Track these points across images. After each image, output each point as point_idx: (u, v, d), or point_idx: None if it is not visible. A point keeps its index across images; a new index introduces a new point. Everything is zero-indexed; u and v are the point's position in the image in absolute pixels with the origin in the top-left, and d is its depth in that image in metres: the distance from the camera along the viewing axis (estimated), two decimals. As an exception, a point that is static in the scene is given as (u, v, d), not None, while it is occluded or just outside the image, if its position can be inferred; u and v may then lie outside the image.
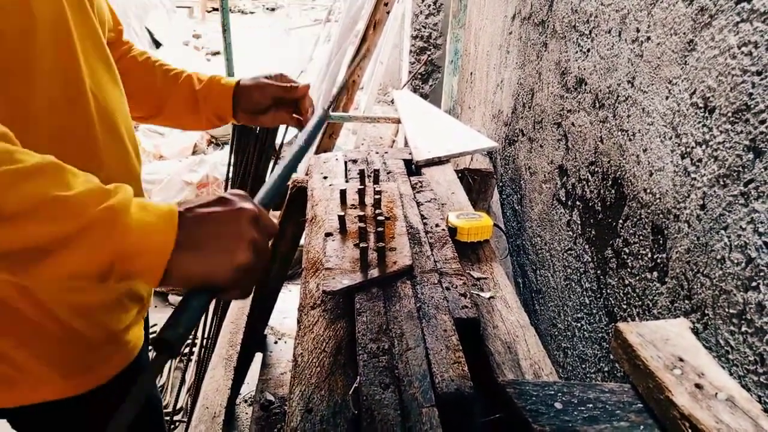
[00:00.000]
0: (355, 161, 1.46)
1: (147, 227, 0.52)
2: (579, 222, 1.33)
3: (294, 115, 1.03)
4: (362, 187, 1.18)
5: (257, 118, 1.03)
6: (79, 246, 0.49)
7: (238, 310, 1.89)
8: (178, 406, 2.09)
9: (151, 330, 1.09)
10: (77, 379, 0.81)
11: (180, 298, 0.55)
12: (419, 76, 4.01)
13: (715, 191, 0.84)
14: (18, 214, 0.47)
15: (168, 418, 1.92)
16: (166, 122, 1.07)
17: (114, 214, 0.50)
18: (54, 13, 0.67)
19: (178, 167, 3.59)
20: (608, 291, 1.18)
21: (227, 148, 3.23)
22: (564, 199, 1.43)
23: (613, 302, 1.16)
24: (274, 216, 1.82)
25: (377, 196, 1.13)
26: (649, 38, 1.03)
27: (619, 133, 1.14)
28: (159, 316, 1.89)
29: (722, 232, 0.82)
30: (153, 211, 0.53)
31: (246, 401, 2.17)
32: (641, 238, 1.05)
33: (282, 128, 1.63)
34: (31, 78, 0.66)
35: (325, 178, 1.39)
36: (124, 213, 0.51)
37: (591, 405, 0.68)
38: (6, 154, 0.48)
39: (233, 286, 0.56)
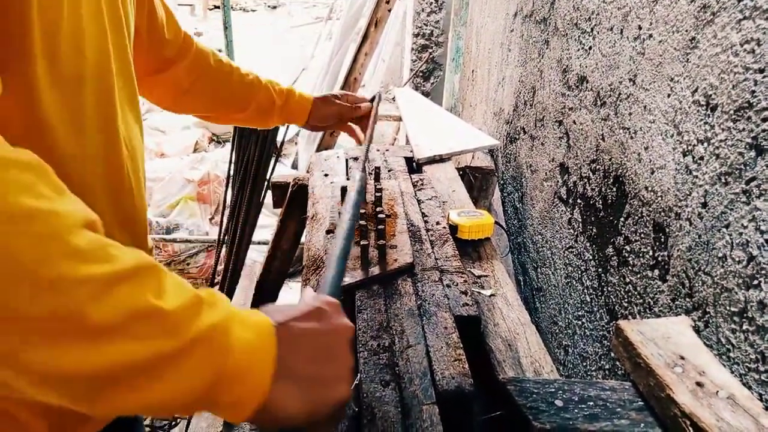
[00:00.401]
0: (356, 159, 1.46)
1: (248, 348, 0.43)
2: (580, 220, 1.33)
3: (355, 132, 1.22)
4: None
5: (321, 127, 1.18)
6: (174, 370, 0.40)
7: (239, 307, 1.89)
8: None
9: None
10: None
11: None
12: (421, 74, 4.00)
13: (716, 189, 0.84)
14: (107, 327, 0.38)
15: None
16: (228, 122, 1.14)
17: (217, 334, 0.42)
18: (101, 56, 0.64)
19: (180, 165, 3.60)
20: (609, 289, 1.18)
21: (228, 145, 3.24)
22: (565, 196, 1.43)
23: (614, 300, 1.16)
24: (276, 213, 1.82)
25: (378, 194, 1.13)
26: (651, 36, 1.02)
27: (621, 130, 1.13)
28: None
29: (724, 230, 0.82)
30: (251, 326, 0.44)
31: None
32: (642, 236, 1.04)
33: (282, 127, 1.64)
34: (81, 128, 0.62)
35: (326, 175, 1.39)
36: (227, 332, 0.42)
37: (592, 403, 0.68)
38: (100, 250, 0.39)
39: (323, 426, 0.47)
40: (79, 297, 0.37)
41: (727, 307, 0.81)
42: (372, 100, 1.23)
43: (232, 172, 2.07)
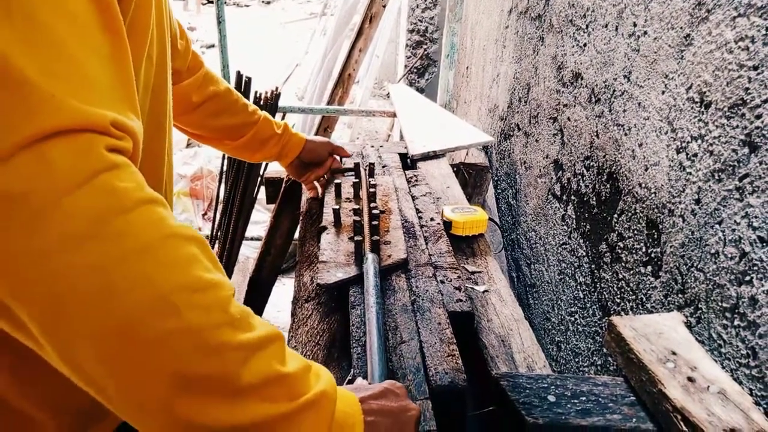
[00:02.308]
0: (350, 155, 1.45)
1: (346, 416, 0.49)
2: (574, 216, 1.33)
3: (315, 187, 1.28)
4: (357, 180, 1.18)
5: (300, 169, 1.23)
6: (288, 429, 0.45)
7: (232, 303, 1.88)
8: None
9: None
10: None
11: None
12: (415, 71, 3.99)
13: (710, 186, 0.84)
14: (250, 388, 0.43)
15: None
16: (218, 147, 1.15)
17: (326, 400, 0.47)
18: (163, 65, 0.66)
19: (172, 160, 3.57)
20: (602, 285, 1.18)
21: (222, 141, 3.21)
22: (559, 193, 1.43)
23: (607, 296, 1.16)
24: (269, 209, 1.81)
25: (372, 190, 1.12)
26: (645, 33, 1.03)
27: (615, 127, 1.14)
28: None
29: (717, 226, 0.82)
30: (345, 399, 0.51)
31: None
32: (636, 232, 1.05)
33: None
34: (165, 136, 0.64)
35: (320, 171, 1.38)
36: (333, 400, 0.48)
37: (584, 398, 0.68)
38: (245, 319, 0.44)
39: None
40: (235, 360, 0.42)
41: (719, 303, 0.81)
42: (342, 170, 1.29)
43: (225, 168, 2.06)
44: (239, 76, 1.87)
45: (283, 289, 2.63)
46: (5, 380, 0.59)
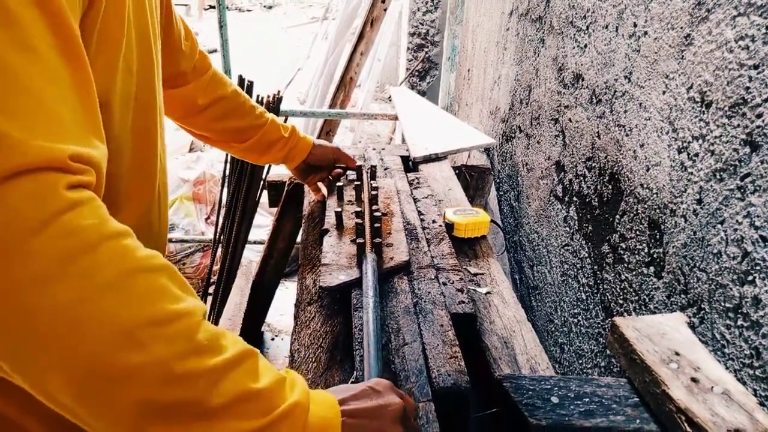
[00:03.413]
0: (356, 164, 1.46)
1: (323, 423, 0.50)
2: (576, 218, 1.33)
3: (319, 189, 1.27)
4: (359, 183, 1.18)
5: (305, 172, 1.22)
6: None
7: (235, 306, 1.89)
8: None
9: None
10: None
11: None
12: (416, 73, 4.00)
13: (711, 185, 0.84)
14: (220, 409, 0.44)
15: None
16: (226, 149, 1.16)
17: (299, 410, 0.48)
18: (147, 74, 0.67)
19: (175, 164, 3.58)
20: (605, 286, 1.18)
21: (224, 145, 3.22)
22: (561, 195, 1.43)
23: (609, 297, 1.16)
24: (271, 213, 1.82)
25: (374, 192, 1.13)
26: (646, 33, 1.03)
27: (616, 128, 1.14)
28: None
29: (719, 226, 0.82)
30: (322, 403, 0.52)
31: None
32: (638, 233, 1.05)
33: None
34: (125, 144, 0.64)
35: (321, 174, 1.38)
36: (307, 410, 0.49)
37: (587, 399, 0.68)
38: (215, 341, 0.46)
39: None
40: (205, 385, 0.43)
41: (722, 303, 0.81)
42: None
43: (227, 172, 2.06)
44: (241, 80, 1.88)
45: (286, 293, 2.63)
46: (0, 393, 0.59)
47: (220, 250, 2.11)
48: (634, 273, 1.06)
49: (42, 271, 0.38)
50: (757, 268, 0.74)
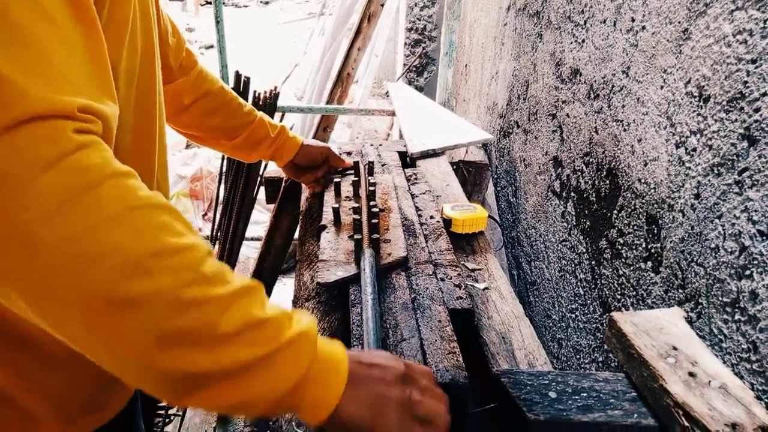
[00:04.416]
0: (349, 153, 1.45)
1: (333, 355, 0.52)
2: (573, 213, 1.33)
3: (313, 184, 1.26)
4: (357, 179, 1.18)
5: (296, 170, 1.22)
6: (269, 370, 0.47)
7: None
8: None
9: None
10: (79, 423, 0.71)
11: None
12: (414, 69, 3.99)
13: (709, 180, 0.84)
14: (229, 335, 0.46)
15: (163, 411, 1.92)
16: (215, 147, 1.15)
17: (306, 339, 0.50)
18: (149, 53, 0.68)
19: (172, 161, 3.57)
20: (603, 281, 1.18)
21: (221, 141, 3.21)
22: (559, 190, 1.43)
23: (607, 293, 1.16)
24: (268, 210, 1.81)
25: (372, 188, 1.12)
26: (644, 27, 1.02)
27: (614, 123, 1.13)
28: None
29: (716, 221, 0.82)
30: (331, 343, 0.53)
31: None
32: (636, 228, 1.05)
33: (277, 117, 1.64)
34: (125, 122, 0.64)
35: (319, 170, 1.38)
36: (314, 341, 0.51)
37: (585, 394, 0.68)
38: (221, 275, 0.47)
39: None
40: (212, 312, 0.45)
41: (720, 298, 0.81)
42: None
43: (224, 168, 2.06)
44: (238, 75, 1.87)
45: (284, 289, 2.63)
46: (6, 374, 0.61)
47: (217, 246, 2.11)
48: (631, 268, 1.06)
49: (50, 206, 0.41)
50: (755, 262, 0.74)
